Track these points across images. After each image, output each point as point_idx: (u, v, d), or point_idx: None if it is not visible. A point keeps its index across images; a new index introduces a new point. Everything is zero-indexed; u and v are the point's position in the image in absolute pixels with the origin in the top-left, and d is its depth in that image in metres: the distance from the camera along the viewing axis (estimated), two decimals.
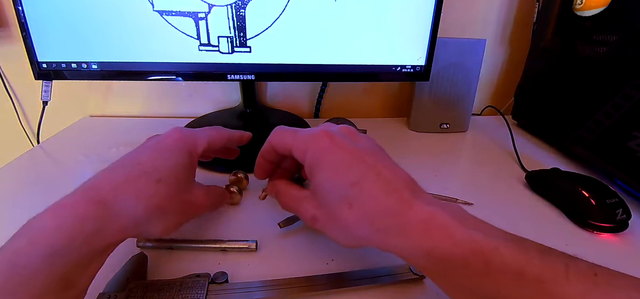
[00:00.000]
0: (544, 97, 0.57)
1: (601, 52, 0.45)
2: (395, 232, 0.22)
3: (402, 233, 0.22)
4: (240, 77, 0.48)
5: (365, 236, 0.23)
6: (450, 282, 0.21)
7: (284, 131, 0.28)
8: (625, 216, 0.36)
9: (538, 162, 0.52)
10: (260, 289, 0.27)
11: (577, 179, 0.41)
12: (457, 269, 0.20)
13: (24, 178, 0.44)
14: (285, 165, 0.32)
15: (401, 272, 0.29)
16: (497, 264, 0.19)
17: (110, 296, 0.25)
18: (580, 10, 0.47)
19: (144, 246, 0.32)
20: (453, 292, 0.22)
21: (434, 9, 0.47)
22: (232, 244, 0.32)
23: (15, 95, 0.64)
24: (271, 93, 0.68)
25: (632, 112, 0.41)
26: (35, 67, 0.44)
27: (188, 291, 0.26)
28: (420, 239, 0.21)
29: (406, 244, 0.22)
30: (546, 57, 0.56)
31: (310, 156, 0.25)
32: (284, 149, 0.28)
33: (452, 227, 0.21)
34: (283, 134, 0.28)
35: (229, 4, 0.43)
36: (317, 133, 0.26)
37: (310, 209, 0.26)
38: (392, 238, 0.22)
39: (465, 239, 0.20)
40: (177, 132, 0.29)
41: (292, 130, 0.28)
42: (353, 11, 0.45)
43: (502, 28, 0.68)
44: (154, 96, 0.66)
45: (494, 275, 0.19)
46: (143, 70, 0.46)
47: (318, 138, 0.25)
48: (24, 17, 0.41)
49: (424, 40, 0.49)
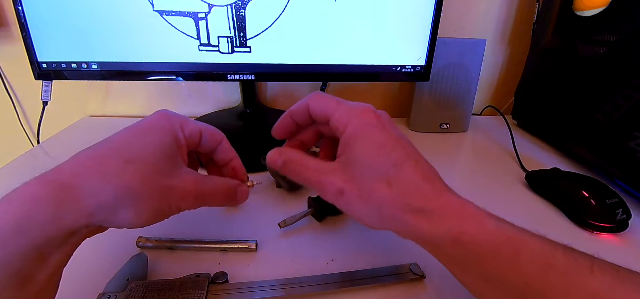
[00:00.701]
0: (544, 97, 0.57)
1: (601, 52, 0.45)
2: (428, 216, 0.22)
3: (434, 217, 0.22)
4: (240, 77, 0.48)
5: (395, 216, 0.23)
6: (474, 270, 0.22)
7: (327, 96, 0.26)
8: (625, 216, 0.36)
9: (538, 162, 0.52)
10: (260, 289, 0.27)
11: (577, 179, 0.41)
12: (485, 257, 0.21)
13: (24, 178, 0.44)
14: (303, 137, 0.30)
15: (401, 272, 0.29)
16: (526, 254, 0.20)
17: (110, 296, 0.25)
18: (580, 10, 0.47)
19: (144, 246, 0.32)
20: (476, 282, 0.22)
21: (434, 9, 0.47)
22: (232, 244, 0.32)
23: (15, 95, 0.64)
24: (271, 93, 0.68)
25: (632, 112, 0.41)
26: (35, 67, 0.44)
27: (188, 291, 0.26)
28: (452, 225, 0.22)
29: (436, 229, 0.22)
30: (546, 57, 0.56)
31: (352, 129, 0.24)
32: (322, 114, 0.26)
33: (483, 217, 0.22)
34: (325, 99, 0.26)
35: (229, 4, 0.43)
36: (364, 108, 0.25)
37: (337, 182, 0.24)
38: (422, 221, 0.22)
39: (496, 228, 0.21)
40: (160, 112, 0.26)
41: (334, 98, 0.26)
42: (353, 11, 0.45)
43: (502, 28, 0.68)
44: (154, 96, 0.66)
45: (523, 264, 0.20)
46: (143, 70, 0.46)
47: (365, 113, 0.24)
48: (24, 17, 0.41)
49: (424, 40, 0.49)
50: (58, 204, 0.20)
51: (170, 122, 0.25)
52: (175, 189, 0.24)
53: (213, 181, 0.28)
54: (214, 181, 0.28)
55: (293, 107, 0.28)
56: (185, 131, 0.26)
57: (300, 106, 0.27)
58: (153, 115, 0.26)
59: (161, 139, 0.24)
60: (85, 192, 0.21)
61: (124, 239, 0.33)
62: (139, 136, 0.24)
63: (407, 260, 0.31)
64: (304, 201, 0.38)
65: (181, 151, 0.26)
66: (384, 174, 0.23)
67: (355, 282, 0.28)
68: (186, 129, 0.26)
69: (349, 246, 0.33)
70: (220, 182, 0.28)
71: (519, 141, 0.55)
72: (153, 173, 0.23)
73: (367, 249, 0.33)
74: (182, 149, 0.26)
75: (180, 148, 0.26)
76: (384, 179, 0.23)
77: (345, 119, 0.24)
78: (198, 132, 0.27)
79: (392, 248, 0.33)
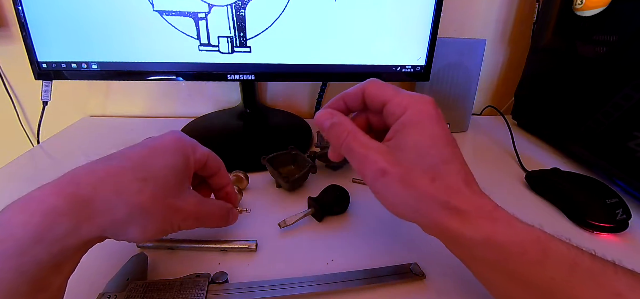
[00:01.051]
0: (544, 97, 0.57)
1: (601, 52, 0.45)
2: (461, 217, 0.23)
3: (467, 218, 0.23)
4: (240, 77, 0.48)
5: (430, 211, 0.23)
6: (501, 269, 0.22)
7: (384, 83, 0.27)
8: (625, 216, 0.36)
9: (538, 162, 0.52)
10: (260, 289, 0.27)
11: (577, 179, 0.41)
12: (513, 255, 0.22)
13: (24, 178, 0.44)
14: None
15: (401, 272, 0.29)
16: (554, 254, 0.21)
17: (110, 296, 0.25)
18: (580, 10, 0.47)
19: (144, 246, 0.32)
20: (500, 280, 0.23)
21: (434, 9, 0.47)
22: (232, 244, 0.32)
23: (15, 95, 0.64)
24: (271, 93, 0.68)
25: (632, 112, 0.41)
26: (35, 67, 0.44)
27: (188, 291, 0.26)
28: (484, 226, 0.22)
29: (467, 230, 0.23)
30: (546, 57, 0.56)
31: (410, 115, 0.24)
32: (377, 99, 0.26)
33: (514, 220, 0.23)
34: (383, 85, 0.26)
35: (229, 4, 0.43)
36: (425, 98, 0.25)
37: (381, 162, 0.24)
38: (455, 221, 0.23)
39: (525, 230, 0.22)
40: (174, 134, 0.27)
41: (392, 85, 0.27)
42: (353, 11, 0.45)
43: (502, 28, 0.68)
44: (154, 96, 0.66)
45: (549, 263, 0.21)
46: (143, 70, 0.46)
47: (426, 103, 0.25)
48: (24, 17, 0.41)
49: (424, 40, 0.49)
50: (76, 218, 0.20)
51: (184, 145, 0.27)
52: (180, 210, 0.26)
53: (211, 204, 0.29)
54: (212, 204, 0.29)
55: (347, 90, 0.28)
56: (196, 154, 0.28)
57: (355, 89, 0.27)
58: (168, 135, 0.27)
59: (175, 160, 0.25)
60: (102, 208, 0.21)
61: None
62: (154, 155, 0.25)
63: (407, 260, 0.31)
64: (304, 201, 0.38)
65: (189, 173, 0.27)
66: (431, 168, 0.23)
67: (355, 282, 0.28)
68: (197, 153, 0.28)
69: (349, 246, 0.33)
70: (217, 205, 0.30)
71: (519, 141, 0.55)
72: (164, 193, 0.24)
73: (367, 249, 0.33)
74: (190, 172, 0.27)
75: (189, 170, 0.27)
76: (430, 173, 0.23)
77: (404, 104, 0.25)
78: (206, 156, 0.29)
79: (392, 248, 0.33)
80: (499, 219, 0.23)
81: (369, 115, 0.28)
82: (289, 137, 0.52)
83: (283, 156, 0.44)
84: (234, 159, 0.47)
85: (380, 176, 0.24)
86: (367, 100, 0.27)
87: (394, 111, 0.25)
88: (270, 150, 0.43)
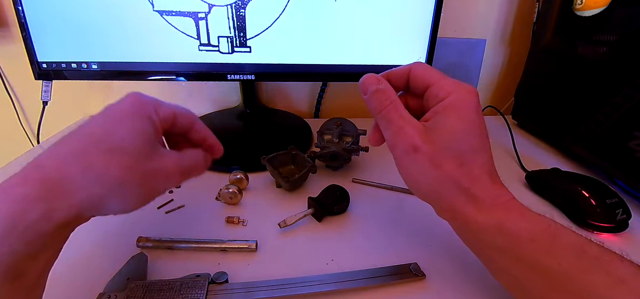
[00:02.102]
0: (544, 97, 0.57)
1: (601, 52, 0.45)
2: (479, 204, 0.24)
3: (484, 206, 0.24)
4: (240, 77, 0.48)
5: (451, 193, 0.25)
6: (510, 254, 0.23)
7: (430, 66, 0.28)
8: (625, 216, 0.36)
9: (538, 162, 0.52)
10: (260, 289, 0.27)
11: (577, 179, 0.41)
12: (523, 241, 0.23)
13: None
14: None
15: (401, 272, 0.29)
16: (562, 241, 0.22)
17: (110, 296, 0.25)
18: (580, 10, 0.47)
19: (144, 246, 0.32)
20: (510, 264, 0.24)
21: (434, 9, 0.47)
22: (232, 244, 0.32)
23: (15, 95, 0.64)
24: (271, 93, 0.68)
25: (632, 112, 0.41)
26: (35, 67, 0.44)
27: (188, 291, 0.26)
28: (497, 214, 0.24)
29: (482, 217, 0.24)
30: (546, 57, 0.56)
31: (453, 99, 0.25)
32: (423, 81, 0.27)
33: (527, 210, 0.24)
34: (429, 68, 0.28)
35: (229, 4, 0.43)
36: (470, 86, 0.26)
37: (416, 138, 0.25)
38: (472, 207, 0.24)
39: (537, 219, 0.24)
40: (133, 96, 0.25)
41: (437, 70, 0.28)
42: (353, 11, 0.45)
43: (502, 28, 0.68)
44: (154, 95, 0.66)
45: (557, 250, 0.22)
46: (143, 70, 0.46)
47: (469, 91, 0.26)
48: (24, 17, 0.41)
49: (423, 40, 0.49)
50: (48, 203, 0.20)
51: (144, 107, 0.25)
52: (159, 171, 0.24)
53: (190, 154, 0.28)
54: (192, 154, 0.28)
55: (392, 69, 0.29)
56: (159, 113, 0.26)
57: (401, 69, 0.28)
58: (126, 100, 0.25)
59: (138, 124, 0.24)
60: (73, 188, 0.21)
61: (124, 239, 0.33)
62: (115, 123, 0.23)
63: (407, 260, 0.31)
64: (304, 201, 0.38)
65: (157, 133, 0.25)
66: (461, 154, 0.24)
67: (355, 282, 0.28)
68: (160, 112, 0.26)
69: (349, 246, 0.33)
70: (196, 153, 0.29)
71: (519, 141, 0.55)
72: (136, 160, 0.23)
73: (367, 249, 0.33)
74: (157, 132, 0.26)
75: (156, 131, 0.25)
76: (459, 159, 0.24)
77: (448, 89, 0.26)
78: (172, 114, 0.27)
79: (392, 248, 0.33)
80: (512, 209, 0.24)
81: (408, 97, 0.29)
82: (289, 137, 0.52)
83: (283, 156, 0.44)
84: (234, 159, 0.47)
85: (412, 151, 0.25)
86: (412, 81, 0.28)
87: (437, 93, 0.26)
88: (270, 150, 0.43)
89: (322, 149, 0.44)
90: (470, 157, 0.24)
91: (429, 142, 0.25)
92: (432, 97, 0.26)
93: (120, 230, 0.34)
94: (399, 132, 0.26)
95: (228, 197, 0.38)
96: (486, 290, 0.29)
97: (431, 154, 0.25)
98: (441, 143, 0.25)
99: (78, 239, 0.30)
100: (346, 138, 0.46)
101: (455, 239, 0.35)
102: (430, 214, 0.39)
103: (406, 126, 0.26)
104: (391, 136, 0.26)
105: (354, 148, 0.45)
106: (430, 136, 0.25)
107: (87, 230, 0.33)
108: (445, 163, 0.24)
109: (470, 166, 0.24)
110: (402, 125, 0.26)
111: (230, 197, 0.38)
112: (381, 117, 0.27)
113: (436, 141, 0.25)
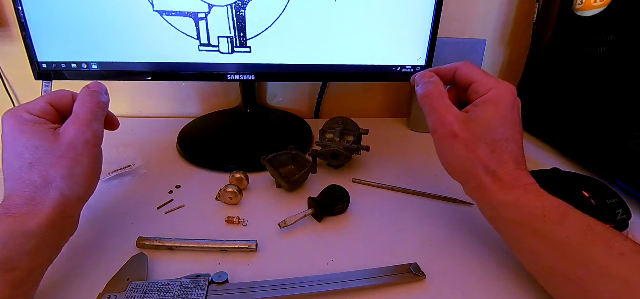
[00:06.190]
0: (544, 97, 0.57)
1: (601, 52, 0.45)
2: (502, 184, 0.28)
3: (506, 186, 0.28)
4: (240, 77, 0.48)
5: (478, 173, 0.28)
6: (525, 226, 0.27)
7: (475, 66, 0.32)
8: (625, 216, 0.36)
9: (538, 162, 0.52)
10: (260, 290, 0.27)
11: (577, 179, 0.41)
12: (537, 217, 0.26)
13: None
14: None
15: (401, 272, 0.29)
16: (571, 218, 0.26)
17: (110, 296, 0.25)
18: (580, 10, 0.47)
19: (144, 246, 0.32)
20: (522, 234, 0.27)
21: (434, 9, 0.47)
22: (232, 245, 0.32)
23: (15, 95, 0.64)
24: (271, 93, 0.68)
25: (632, 112, 0.41)
26: (35, 67, 0.44)
27: (188, 292, 0.26)
28: (516, 193, 0.27)
29: (502, 194, 0.28)
30: (546, 57, 0.56)
31: (492, 95, 0.29)
32: (467, 78, 0.31)
33: (544, 192, 0.28)
34: (473, 66, 0.31)
35: (228, 4, 0.43)
36: (510, 86, 0.30)
37: (456, 125, 0.29)
38: (495, 186, 0.28)
39: (551, 199, 0.27)
40: (5, 117, 0.26)
41: (481, 69, 0.31)
42: (353, 11, 0.45)
43: (502, 28, 0.68)
44: (154, 95, 0.66)
45: (567, 224, 0.25)
46: (143, 70, 0.46)
47: (508, 89, 0.29)
48: (24, 17, 0.41)
49: (423, 40, 0.49)
50: None
51: (18, 120, 0.26)
52: (72, 144, 0.26)
53: (79, 101, 0.29)
54: (81, 100, 0.29)
55: (440, 66, 0.33)
56: (32, 112, 0.27)
57: (448, 66, 0.33)
58: (4, 125, 0.26)
59: (24, 138, 0.25)
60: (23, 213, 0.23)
61: (124, 239, 0.33)
62: (10, 153, 0.25)
63: (407, 260, 0.31)
64: (304, 201, 0.38)
65: (43, 126, 0.26)
66: (493, 142, 0.28)
67: (355, 282, 0.28)
68: (33, 110, 0.27)
69: (349, 246, 0.33)
70: (82, 97, 0.30)
71: None
72: (48, 160, 0.25)
73: (367, 249, 0.33)
74: (43, 125, 0.27)
75: (41, 125, 0.26)
76: (491, 146, 0.28)
77: (490, 85, 0.29)
78: (45, 104, 0.28)
79: (392, 248, 0.33)
80: (531, 191, 0.27)
81: (454, 91, 0.34)
82: (289, 137, 0.52)
83: (283, 156, 0.44)
84: (234, 159, 0.47)
85: (451, 136, 0.29)
86: (457, 77, 0.32)
87: (478, 89, 0.30)
88: (270, 150, 0.43)
89: (323, 148, 0.44)
90: (502, 145, 0.28)
91: (466, 130, 0.29)
92: (474, 92, 0.30)
93: (120, 230, 0.34)
94: (441, 117, 0.30)
95: (228, 197, 0.38)
96: (486, 290, 0.29)
97: (467, 140, 0.29)
98: (477, 132, 0.28)
99: (78, 240, 0.30)
100: (348, 137, 0.46)
101: (455, 239, 0.35)
102: (430, 214, 0.39)
103: (447, 111, 0.30)
104: (434, 121, 0.31)
105: (355, 147, 0.45)
106: (468, 124, 0.29)
107: (87, 230, 0.34)
108: (478, 149, 0.28)
109: (500, 152, 0.28)
110: (444, 113, 0.30)
111: (230, 197, 0.38)
112: (427, 105, 0.31)
113: (473, 129, 0.29)
